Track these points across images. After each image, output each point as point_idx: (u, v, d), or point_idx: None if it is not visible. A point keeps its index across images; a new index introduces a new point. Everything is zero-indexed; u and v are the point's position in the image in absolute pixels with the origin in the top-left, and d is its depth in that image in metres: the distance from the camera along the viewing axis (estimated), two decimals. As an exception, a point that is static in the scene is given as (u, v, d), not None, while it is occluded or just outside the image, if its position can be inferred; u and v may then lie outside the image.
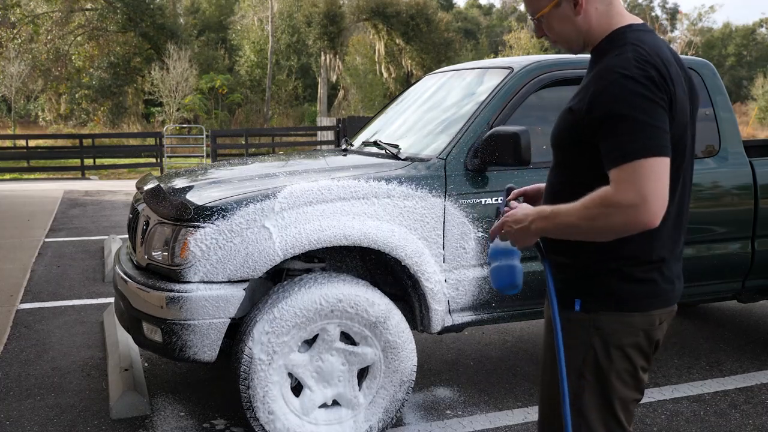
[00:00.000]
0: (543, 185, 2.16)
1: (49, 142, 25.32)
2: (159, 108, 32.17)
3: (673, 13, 70.55)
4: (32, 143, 23.34)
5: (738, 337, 5.12)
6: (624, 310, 1.90)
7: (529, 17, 2.07)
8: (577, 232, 1.82)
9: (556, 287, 1.96)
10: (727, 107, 4.17)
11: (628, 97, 1.75)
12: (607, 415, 1.93)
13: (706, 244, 4.04)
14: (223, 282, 3.21)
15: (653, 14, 68.89)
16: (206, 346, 3.22)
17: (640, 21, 1.97)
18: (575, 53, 2.08)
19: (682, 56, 3.50)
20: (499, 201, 2.28)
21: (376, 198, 3.42)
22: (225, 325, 3.24)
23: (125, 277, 3.53)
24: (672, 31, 67.87)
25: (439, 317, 3.56)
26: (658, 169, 1.72)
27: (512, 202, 2.09)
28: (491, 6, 69.74)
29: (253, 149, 21.49)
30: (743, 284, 4.23)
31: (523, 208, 1.95)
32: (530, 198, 2.19)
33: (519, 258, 2.03)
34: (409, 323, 3.54)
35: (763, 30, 69.24)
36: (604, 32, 1.95)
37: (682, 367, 4.51)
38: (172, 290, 3.18)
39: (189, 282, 3.19)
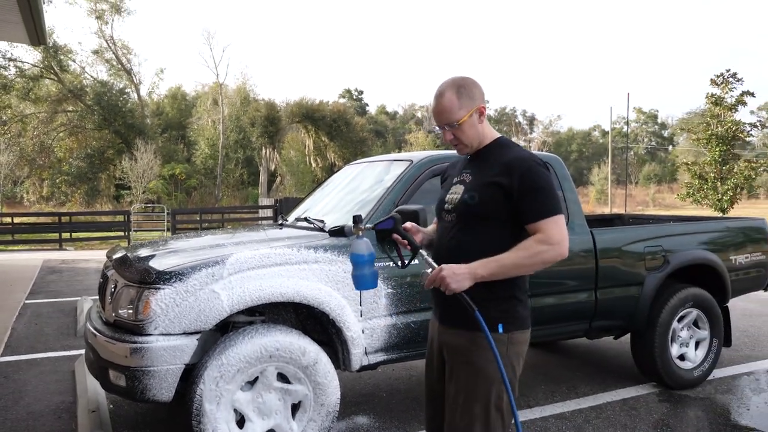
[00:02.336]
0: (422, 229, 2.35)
1: (32, 219, 24.08)
2: (128, 191, 31.22)
3: (531, 120, 74.42)
4: (17, 220, 22.15)
5: (588, 366, 5.24)
6: (523, 327, 2.12)
7: (438, 128, 2.16)
8: (518, 267, 2.00)
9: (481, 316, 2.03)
10: (573, 190, 4.37)
11: (544, 176, 2.04)
12: (508, 408, 2.09)
13: (563, 294, 4.16)
14: (179, 334, 3.09)
15: (517, 120, 72.44)
16: (164, 389, 3.07)
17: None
18: (466, 153, 2.21)
19: (538, 152, 3.64)
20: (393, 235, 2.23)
21: (306, 263, 3.40)
22: (180, 370, 3.10)
23: (95, 331, 3.34)
24: (531, 132, 71.45)
25: (358, 358, 3.51)
26: (564, 222, 2.05)
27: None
28: (396, 113, 71.71)
29: (206, 224, 21.04)
30: (590, 325, 4.34)
31: (457, 266, 1.99)
32: (411, 232, 2.29)
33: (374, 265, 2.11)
34: (333, 363, 3.47)
35: (596, 133, 73.69)
36: (489, 139, 2.17)
37: (547, 391, 4.57)
38: (135, 342, 3.04)
39: (150, 335, 3.05)
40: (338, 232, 2.30)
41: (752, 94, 22.98)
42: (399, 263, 2.27)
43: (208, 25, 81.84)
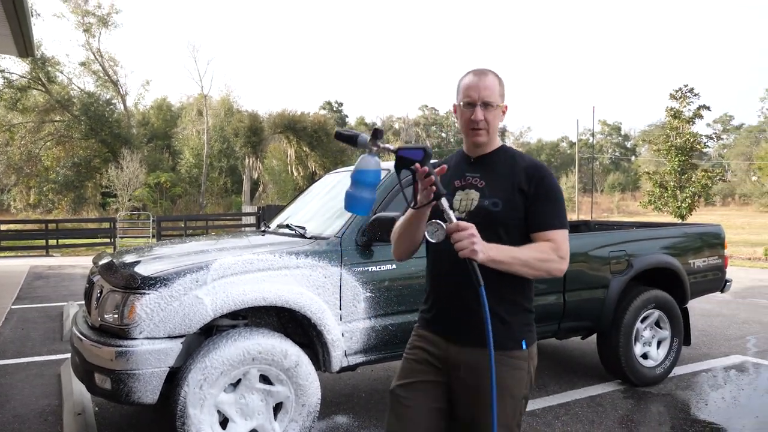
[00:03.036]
0: None
1: (19, 226, 23.55)
2: (114, 198, 30.72)
3: (503, 131, 75.04)
4: (4, 227, 21.64)
5: (558, 365, 5.28)
6: (536, 340, 2.02)
7: (468, 103, 1.90)
8: (527, 266, 1.80)
9: (502, 334, 1.84)
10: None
11: (559, 188, 1.94)
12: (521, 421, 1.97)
13: (534, 297, 4.18)
14: (164, 338, 3.05)
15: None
16: (149, 391, 3.02)
17: None
18: (481, 143, 1.95)
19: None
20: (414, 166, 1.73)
21: (288, 268, 3.37)
22: (165, 373, 3.05)
23: (81, 336, 3.28)
24: (503, 143, 72.09)
25: (338, 360, 3.49)
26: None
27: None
28: (374, 124, 71.81)
29: (191, 231, 20.80)
30: (559, 326, 4.38)
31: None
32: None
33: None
34: (313, 364, 3.45)
35: (564, 144, 74.62)
36: (498, 143, 2.01)
37: (519, 390, 4.58)
38: (120, 346, 2.99)
39: (135, 339, 3.00)
40: (349, 139, 1.78)
41: (708, 108, 23.45)
42: (410, 203, 1.83)
43: (193, 39, 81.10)
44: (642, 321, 4.70)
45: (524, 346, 1.91)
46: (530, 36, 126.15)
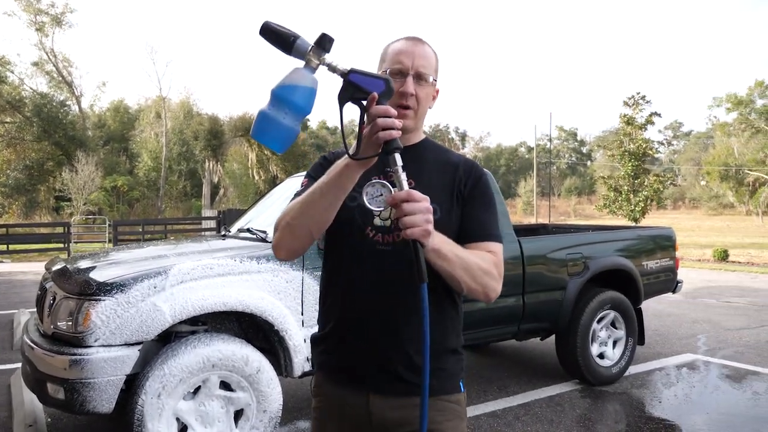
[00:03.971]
0: None
1: (-34, 232, 22.61)
2: (68, 202, 29.81)
3: (463, 136, 76.01)
4: (-50, 232, 20.76)
5: (517, 366, 5.35)
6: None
7: (398, 72, 1.46)
8: (466, 270, 1.35)
9: (443, 375, 1.46)
10: (502, 203, 4.44)
11: (494, 191, 1.54)
12: None
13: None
14: (120, 345, 2.96)
15: (450, 136, 73.77)
16: (104, 400, 2.93)
17: None
18: (407, 129, 1.46)
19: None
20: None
21: (249, 273, 3.33)
22: (121, 381, 2.97)
23: (32, 344, 3.16)
24: (463, 148, 72.93)
25: (300, 365, 3.46)
26: None
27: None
28: (336, 128, 71.69)
29: (149, 236, 20.32)
30: (519, 327, 4.43)
31: None
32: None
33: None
34: (275, 370, 3.40)
35: (523, 149, 75.94)
36: (420, 134, 1.55)
37: (479, 391, 4.63)
38: (74, 354, 2.89)
39: (90, 346, 2.91)
40: (281, 40, 1.25)
41: (659, 115, 24.23)
42: (353, 149, 1.29)
43: (152, 40, 79.38)
44: (598, 321, 4.80)
45: (462, 388, 1.52)
46: (489, 42, 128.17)
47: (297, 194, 1.45)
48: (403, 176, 1.24)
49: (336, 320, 1.50)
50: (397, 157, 1.24)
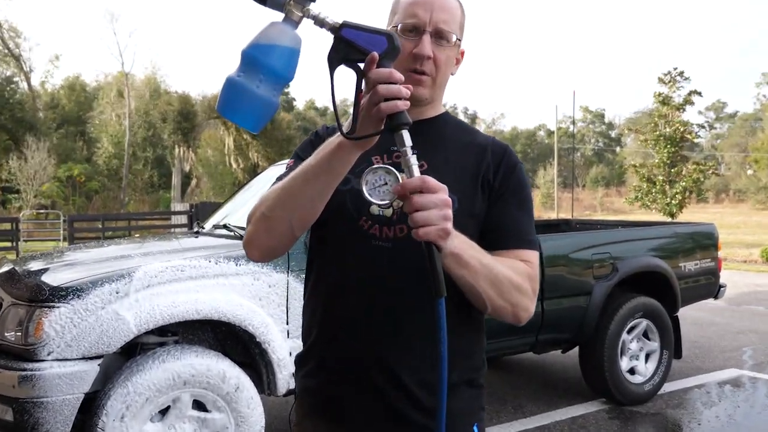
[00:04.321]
0: None
1: None
2: (16, 195, 29.88)
3: (473, 119, 76.04)
4: None
5: (534, 383, 5.37)
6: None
7: (432, 29, 1.33)
8: (490, 283, 1.23)
9: (452, 415, 1.18)
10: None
11: (529, 186, 1.44)
12: None
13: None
14: (78, 359, 2.97)
15: (459, 119, 73.86)
16: (59, 422, 2.94)
17: None
18: (422, 98, 1.36)
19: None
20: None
21: (225, 276, 3.34)
22: (79, 400, 2.98)
23: (-25, 359, 3.17)
24: (473, 132, 73.07)
25: (285, 382, 3.47)
26: None
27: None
28: (326, 108, 71.70)
29: (110, 233, 20.33)
30: (537, 338, 4.44)
31: None
32: None
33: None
34: (257, 387, 3.42)
35: (542, 133, 75.99)
36: (439, 107, 1.45)
37: (492, 411, 4.64)
38: (24, 369, 2.90)
39: (43, 360, 2.92)
40: None
41: (700, 94, 24.22)
42: (348, 125, 1.17)
43: (112, 6, 79.31)
44: (628, 332, 4.81)
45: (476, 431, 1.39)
46: (504, 13, 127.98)
47: (279, 178, 1.32)
48: (413, 160, 1.11)
49: (315, 338, 1.37)
50: (405, 135, 1.11)
